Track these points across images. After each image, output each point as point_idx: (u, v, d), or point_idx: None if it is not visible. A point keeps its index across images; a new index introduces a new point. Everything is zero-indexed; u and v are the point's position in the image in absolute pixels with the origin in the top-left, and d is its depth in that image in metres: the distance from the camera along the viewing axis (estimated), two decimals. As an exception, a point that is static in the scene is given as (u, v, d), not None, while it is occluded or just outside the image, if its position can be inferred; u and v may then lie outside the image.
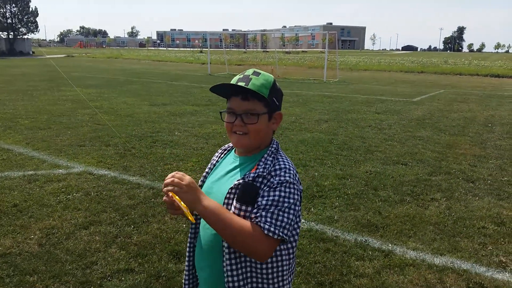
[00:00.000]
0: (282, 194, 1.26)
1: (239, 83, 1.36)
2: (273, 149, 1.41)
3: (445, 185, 5.19)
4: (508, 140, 7.73)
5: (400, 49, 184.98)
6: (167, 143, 7.01)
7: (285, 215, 1.25)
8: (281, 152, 1.42)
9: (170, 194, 1.23)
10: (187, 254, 1.56)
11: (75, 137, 7.30)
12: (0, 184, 4.88)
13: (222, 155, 1.55)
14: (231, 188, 1.33)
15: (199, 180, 1.54)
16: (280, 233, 1.23)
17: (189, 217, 1.26)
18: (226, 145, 1.58)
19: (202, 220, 1.46)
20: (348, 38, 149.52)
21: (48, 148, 6.55)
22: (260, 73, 1.40)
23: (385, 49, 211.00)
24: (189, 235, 1.55)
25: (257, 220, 1.23)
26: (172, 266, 3.22)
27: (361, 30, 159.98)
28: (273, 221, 1.22)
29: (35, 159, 5.94)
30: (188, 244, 1.55)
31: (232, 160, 1.46)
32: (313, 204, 4.49)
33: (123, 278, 3.04)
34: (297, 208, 1.30)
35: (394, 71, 29.17)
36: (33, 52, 58.54)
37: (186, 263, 1.57)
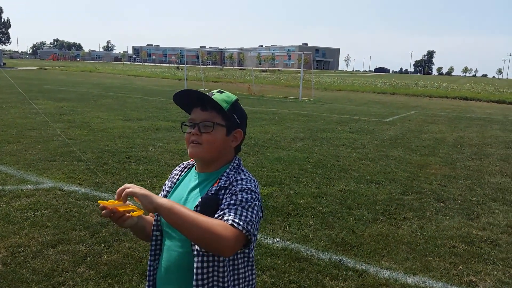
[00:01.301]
0: (245, 196, 1.29)
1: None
2: (235, 164, 1.42)
3: (417, 204, 5.29)
4: (476, 161, 7.99)
5: (373, 70, 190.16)
6: (141, 159, 6.90)
7: (249, 213, 1.26)
8: (243, 168, 1.43)
9: (106, 205, 1.24)
10: (147, 278, 1.50)
11: (45, 151, 7.10)
12: (-37, 200, 4.66)
13: (182, 173, 1.53)
14: (196, 207, 1.32)
15: (161, 194, 1.52)
16: (246, 226, 1.23)
17: (137, 212, 1.27)
18: (186, 162, 1.56)
19: (165, 241, 1.44)
20: (323, 58, 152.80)
21: (16, 162, 6.33)
22: (223, 92, 1.44)
23: (359, 70, 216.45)
24: (149, 257, 1.49)
25: (222, 217, 1.24)
26: (143, 287, 3.13)
27: (335, 51, 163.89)
28: (238, 216, 1.24)
29: (3, 174, 5.72)
30: (148, 268, 1.50)
31: (193, 178, 1.45)
32: (288, 223, 4.48)
33: (92, 299, 2.93)
34: (258, 214, 1.31)
35: (367, 92, 29.88)
36: (4, 64, 57.05)
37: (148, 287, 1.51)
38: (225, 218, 1.24)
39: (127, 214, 1.29)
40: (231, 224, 1.21)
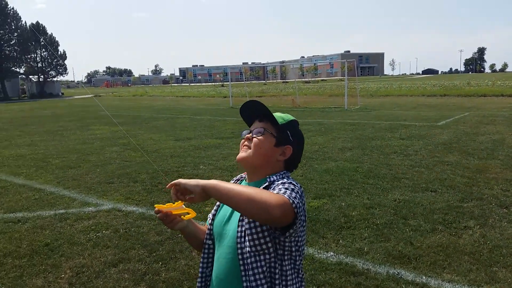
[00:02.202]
0: (286, 186, 1.34)
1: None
2: (282, 174, 1.48)
3: (478, 211, 5.02)
4: (541, 162, 7.47)
5: (421, 73, 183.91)
6: (193, 177, 7.02)
7: (293, 193, 1.30)
8: (290, 178, 1.47)
9: (161, 209, 1.41)
10: (198, 285, 1.55)
11: (103, 174, 7.48)
12: (32, 224, 5.01)
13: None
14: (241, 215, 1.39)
15: (212, 212, 1.61)
16: (291, 197, 1.27)
17: (189, 216, 1.42)
18: (239, 176, 1.64)
19: (216, 250, 1.49)
20: (366, 64, 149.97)
21: (78, 186, 6.72)
22: (284, 114, 1.56)
23: (405, 73, 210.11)
24: (200, 264, 1.56)
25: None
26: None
27: (379, 56, 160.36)
28: (283, 191, 1.30)
29: (66, 198, 6.09)
30: (199, 275, 1.55)
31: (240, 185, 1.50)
32: (342, 236, 4.41)
33: (153, 317, 3.03)
34: (302, 201, 1.33)
35: (416, 95, 28.90)
36: (62, 93, 61.03)
37: None
38: (274, 191, 1.32)
39: (178, 218, 1.45)
40: (277, 193, 1.28)
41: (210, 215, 1.60)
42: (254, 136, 1.46)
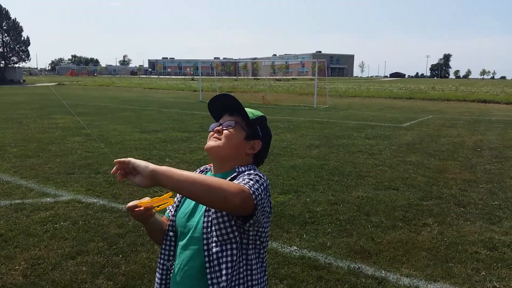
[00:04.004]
0: (252, 177, 1.33)
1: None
2: (250, 166, 1.48)
3: (437, 210, 5.19)
4: (497, 164, 7.81)
5: (388, 76, 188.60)
6: (158, 170, 6.94)
7: (256, 184, 1.29)
8: (257, 170, 1.46)
9: (136, 204, 1.34)
10: (157, 279, 1.51)
11: (64, 165, 7.22)
12: (-15, 214, 4.76)
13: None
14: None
15: (175, 200, 1.55)
16: (252, 187, 1.26)
17: (167, 203, 1.36)
18: (203, 167, 1.61)
19: (179, 242, 1.46)
20: (337, 65, 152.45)
21: (36, 176, 6.46)
22: (254, 110, 1.56)
23: (373, 76, 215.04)
24: (161, 256, 1.51)
25: None
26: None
27: (349, 58, 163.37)
28: (244, 181, 1.29)
29: (23, 188, 5.84)
30: (159, 266, 1.50)
31: (195, 173, 1.48)
32: (306, 231, 4.44)
33: (110, 310, 2.94)
34: (266, 194, 1.32)
35: (383, 97, 29.62)
36: (24, 81, 58.59)
37: None
38: (235, 181, 1.31)
39: (150, 211, 1.39)
40: (239, 183, 1.28)
41: (170, 207, 1.56)
42: (225, 128, 1.46)
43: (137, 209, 1.34)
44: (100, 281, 3.34)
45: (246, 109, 1.50)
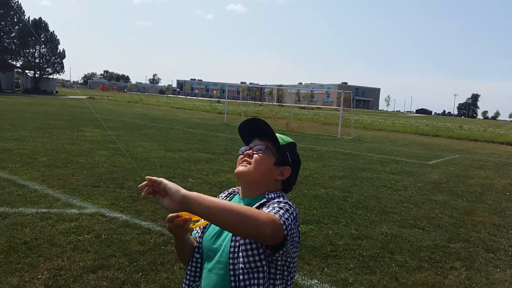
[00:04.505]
0: (281, 206, 1.32)
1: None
2: (279, 192, 1.47)
3: (465, 253, 5.01)
4: (528, 211, 7.52)
5: (414, 111, 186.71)
6: (181, 189, 6.98)
7: (286, 214, 1.28)
8: (286, 198, 1.45)
9: (178, 214, 1.33)
10: None
11: (90, 177, 7.35)
12: (13, 220, 4.86)
13: (226, 199, 1.56)
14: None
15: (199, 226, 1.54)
16: (282, 217, 1.25)
17: (199, 224, 1.37)
18: (231, 189, 1.61)
19: (205, 265, 1.45)
20: (362, 97, 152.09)
21: (63, 186, 6.58)
22: (283, 135, 1.57)
23: (399, 110, 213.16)
24: (186, 277, 1.50)
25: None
26: (179, 319, 3.09)
27: (375, 91, 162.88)
28: (274, 211, 1.28)
29: (49, 197, 5.95)
30: (185, 287, 1.49)
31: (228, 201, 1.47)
32: (327, 264, 4.35)
33: (128, 329, 2.92)
34: (296, 224, 1.31)
35: (409, 133, 29.26)
36: (56, 92, 60.68)
37: None
38: (265, 209, 1.31)
39: (188, 226, 1.39)
40: (269, 211, 1.26)
41: (197, 229, 1.56)
42: (255, 152, 1.46)
43: (178, 219, 1.34)
44: (119, 298, 3.33)
45: (276, 134, 1.50)
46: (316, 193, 7.55)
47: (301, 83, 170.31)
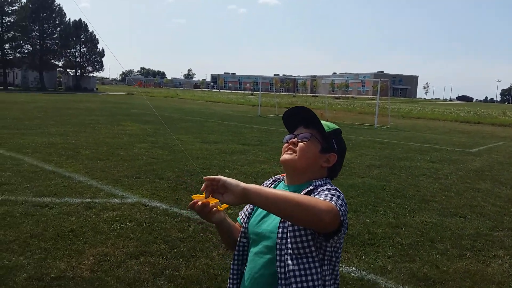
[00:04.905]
0: (332, 192, 1.33)
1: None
2: (325, 179, 1.47)
3: (509, 241, 4.82)
4: None
5: (455, 98, 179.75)
6: (217, 180, 7.10)
7: (339, 201, 1.29)
8: (333, 185, 1.44)
9: (199, 199, 1.35)
10: (229, 283, 1.53)
11: (131, 169, 7.60)
12: (59, 209, 5.12)
13: (271, 186, 1.58)
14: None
15: (243, 211, 1.59)
16: (337, 204, 1.26)
17: (224, 205, 1.38)
18: (276, 176, 1.62)
19: (251, 249, 1.48)
20: (399, 86, 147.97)
21: (105, 178, 6.85)
22: (328, 122, 1.56)
23: (439, 98, 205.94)
24: (233, 261, 1.54)
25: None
26: (219, 303, 3.17)
27: (413, 79, 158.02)
28: (329, 198, 1.29)
29: (93, 188, 6.22)
30: (233, 271, 1.53)
31: (282, 190, 1.48)
32: (365, 252, 4.31)
33: (170, 311, 3.03)
34: (346, 211, 1.31)
35: (449, 121, 28.24)
36: (96, 89, 62.81)
37: None
38: (323, 197, 1.30)
39: (214, 208, 1.42)
40: (323, 199, 1.27)
41: (242, 214, 1.60)
42: (300, 140, 1.46)
43: (197, 205, 1.36)
44: (161, 282, 3.46)
45: (321, 121, 1.49)
46: (352, 182, 7.47)
47: (335, 73, 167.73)
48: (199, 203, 1.37)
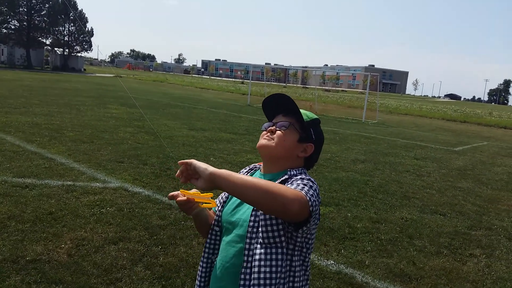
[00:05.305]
0: (305, 183, 1.32)
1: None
2: (301, 169, 1.46)
3: (486, 241, 4.92)
4: (556, 201, 7.28)
5: (443, 96, 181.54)
6: (202, 168, 7.07)
7: (311, 191, 1.29)
8: (308, 175, 1.44)
9: (186, 195, 1.36)
10: (200, 271, 1.53)
11: (115, 153, 7.51)
12: (39, 191, 5.05)
13: (247, 174, 1.56)
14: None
15: (219, 199, 1.58)
16: (307, 194, 1.25)
17: (209, 203, 1.38)
18: (252, 165, 1.61)
19: (224, 238, 1.47)
20: (389, 81, 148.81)
21: (88, 161, 6.76)
22: (307, 111, 1.54)
23: (427, 95, 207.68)
24: (205, 250, 1.53)
25: None
26: (196, 292, 3.17)
27: (403, 74, 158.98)
28: (299, 187, 1.28)
29: (75, 171, 6.13)
30: (203, 259, 1.52)
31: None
32: (344, 246, 4.35)
33: (146, 299, 3.02)
34: (318, 201, 1.31)
35: (436, 118, 28.57)
36: (84, 70, 61.74)
37: (200, 280, 1.52)
38: (290, 185, 1.31)
39: (196, 204, 1.40)
40: (294, 188, 1.27)
41: (217, 202, 1.58)
42: (278, 128, 1.45)
43: (179, 198, 1.36)
44: (139, 269, 3.44)
45: (301, 110, 1.48)
46: (337, 176, 7.51)
47: (326, 65, 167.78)
48: (184, 197, 1.37)
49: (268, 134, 1.46)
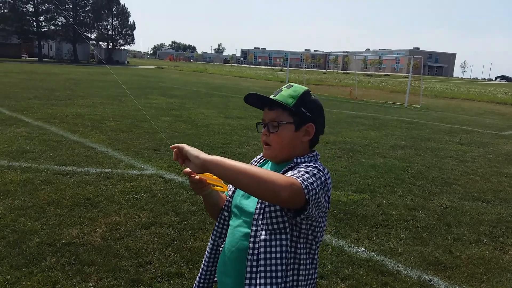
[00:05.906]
0: (309, 170, 1.28)
1: (270, 96, 1.43)
2: (311, 156, 1.41)
3: (532, 229, 4.62)
4: None
5: (493, 79, 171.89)
6: (236, 155, 7.11)
7: (312, 178, 1.24)
8: (318, 162, 1.39)
9: (201, 176, 1.37)
10: (207, 253, 1.54)
11: (152, 141, 7.70)
12: (79, 178, 5.27)
13: (258, 164, 1.56)
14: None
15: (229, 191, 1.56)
16: (304, 181, 1.21)
17: (221, 187, 1.41)
18: (261, 154, 1.58)
19: (232, 223, 1.46)
20: (436, 64, 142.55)
21: (127, 149, 6.97)
22: (292, 86, 1.45)
23: (477, 78, 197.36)
24: (213, 232, 1.54)
25: None
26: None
27: (450, 57, 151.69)
28: (297, 174, 1.25)
29: (114, 159, 6.35)
30: (211, 241, 1.54)
31: (269, 168, 1.48)
32: (377, 233, 4.24)
33: (172, 282, 3.09)
34: (322, 190, 1.26)
35: (485, 101, 27.08)
36: (128, 62, 63.67)
37: (205, 263, 1.54)
38: (287, 173, 1.28)
39: (207, 185, 1.42)
40: (290, 175, 1.24)
41: (230, 187, 1.57)
42: (272, 131, 1.40)
43: (193, 175, 1.37)
44: (168, 253, 3.51)
45: (284, 92, 1.41)
46: (374, 162, 7.31)
47: (368, 49, 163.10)
48: (197, 176, 1.38)
49: (265, 140, 1.43)
